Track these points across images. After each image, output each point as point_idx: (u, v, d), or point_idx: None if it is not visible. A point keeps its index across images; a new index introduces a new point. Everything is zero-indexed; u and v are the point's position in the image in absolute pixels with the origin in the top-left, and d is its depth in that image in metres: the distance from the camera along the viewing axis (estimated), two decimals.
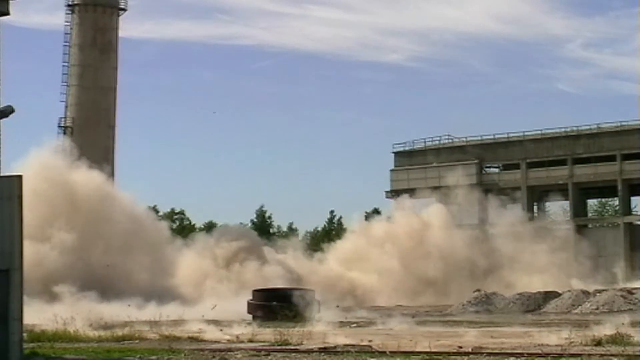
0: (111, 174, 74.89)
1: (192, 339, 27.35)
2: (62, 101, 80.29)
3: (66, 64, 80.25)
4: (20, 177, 20.45)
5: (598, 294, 50.62)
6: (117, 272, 57.02)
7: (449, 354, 22.04)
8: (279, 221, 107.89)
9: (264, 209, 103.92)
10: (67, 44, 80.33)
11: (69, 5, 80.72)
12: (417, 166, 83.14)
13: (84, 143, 73.64)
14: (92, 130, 78.48)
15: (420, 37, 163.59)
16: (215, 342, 26.90)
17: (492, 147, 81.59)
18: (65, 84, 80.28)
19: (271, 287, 50.74)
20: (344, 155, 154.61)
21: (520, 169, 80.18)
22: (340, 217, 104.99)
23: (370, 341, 25.79)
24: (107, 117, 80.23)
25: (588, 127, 79.13)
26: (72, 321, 31.18)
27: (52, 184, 59.19)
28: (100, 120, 79.50)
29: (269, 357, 22.42)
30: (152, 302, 48.11)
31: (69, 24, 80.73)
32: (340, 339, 26.68)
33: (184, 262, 65.75)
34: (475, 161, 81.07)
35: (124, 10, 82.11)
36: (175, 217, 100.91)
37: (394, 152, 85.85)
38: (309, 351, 23.18)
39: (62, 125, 79.72)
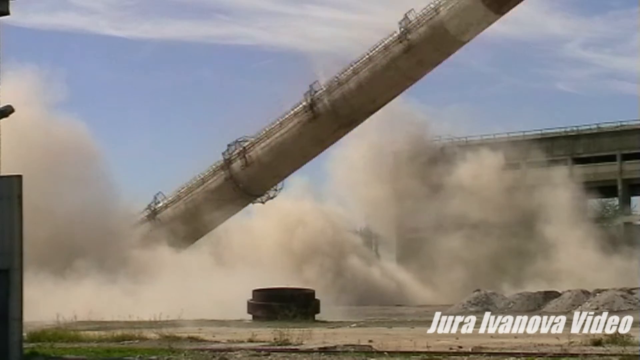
0: None
1: (192, 339, 27.36)
2: None
3: None
4: (20, 177, 20.45)
5: (598, 294, 50.61)
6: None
7: (449, 353, 22.03)
8: None
9: None
10: None
11: None
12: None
13: None
14: None
15: None
16: (215, 342, 26.91)
17: (492, 147, 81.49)
18: None
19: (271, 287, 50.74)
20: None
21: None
22: None
23: (370, 341, 25.78)
24: None
25: (588, 127, 79.20)
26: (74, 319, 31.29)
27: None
28: None
29: (269, 357, 22.42)
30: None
31: None
32: (340, 338, 26.67)
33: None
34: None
35: None
36: None
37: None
38: (309, 351, 23.18)
39: None
